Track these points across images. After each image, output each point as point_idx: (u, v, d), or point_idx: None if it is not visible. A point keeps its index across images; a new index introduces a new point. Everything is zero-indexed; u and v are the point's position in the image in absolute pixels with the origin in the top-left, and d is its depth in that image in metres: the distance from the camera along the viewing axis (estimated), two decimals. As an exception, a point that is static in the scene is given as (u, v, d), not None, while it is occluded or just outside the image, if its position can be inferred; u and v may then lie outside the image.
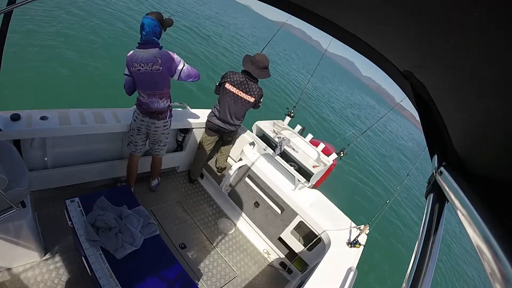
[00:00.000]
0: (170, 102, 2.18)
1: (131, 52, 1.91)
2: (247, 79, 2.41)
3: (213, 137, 2.75)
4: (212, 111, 2.61)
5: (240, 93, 2.42)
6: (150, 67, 1.88)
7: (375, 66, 0.70)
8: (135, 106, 2.17)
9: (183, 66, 2.00)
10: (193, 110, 2.86)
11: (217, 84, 2.54)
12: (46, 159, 2.01)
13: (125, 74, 1.99)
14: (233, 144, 2.82)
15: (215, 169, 3.04)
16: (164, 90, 2.03)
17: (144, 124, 2.14)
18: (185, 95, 6.71)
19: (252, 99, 2.45)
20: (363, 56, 0.70)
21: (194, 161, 2.96)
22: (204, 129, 2.76)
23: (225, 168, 2.93)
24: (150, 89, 1.98)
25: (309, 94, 16.31)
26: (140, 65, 1.87)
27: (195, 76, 2.08)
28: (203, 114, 2.88)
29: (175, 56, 1.96)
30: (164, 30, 1.94)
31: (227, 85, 2.42)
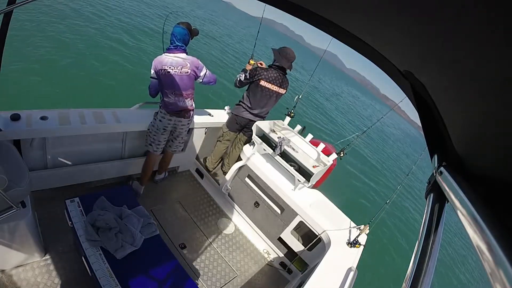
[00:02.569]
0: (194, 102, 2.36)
1: (159, 56, 2.08)
2: (280, 74, 2.55)
3: (235, 133, 2.84)
4: (241, 106, 2.68)
5: (276, 88, 2.56)
6: (180, 69, 2.08)
7: (359, 58, 0.70)
8: (159, 108, 2.30)
9: (206, 71, 2.24)
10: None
11: (241, 79, 2.60)
12: (47, 158, 2.01)
13: (151, 77, 2.15)
14: (239, 152, 2.86)
15: (213, 169, 3.05)
16: (190, 91, 2.23)
17: (171, 123, 2.29)
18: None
19: (284, 91, 2.63)
20: (364, 56, 0.70)
21: (213, 153, 2.98)
22: (201, 128, 2.80)
23: (228, 171, 2.95)
24: (179, 90, 2.15)
25: (306, 93, 16.30)
26: (170, 67, 2.05)
27: (214, 81, 2.35)
28: (203, 114, 2.88)
29: (200, 62, 2.19)
30: (191, 39, 2.15)
31: (263, 82, 2.51)
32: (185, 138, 2.52)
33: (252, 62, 2.66)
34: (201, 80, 2.25)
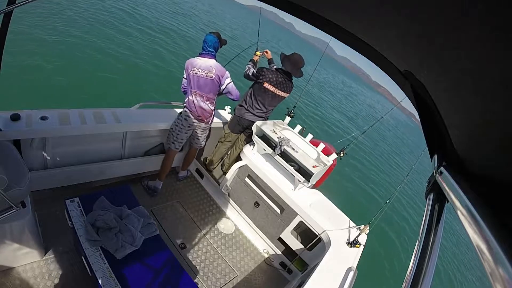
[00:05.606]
0: (215, 107, 2.53)
1: (192, 59, 2.33)
2: (286, 79, 2.57)
3: (237, 134, 2.86)
4: (243, 107, 2.70)
5: (279, 92, 2.59)
6: (206, 73, 2.30)
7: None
8: (184, 108, 2.49)
9: (230, 82, 2.41)
10: None
11: (249, 73, 2.62)
12: (47, 158, 2.01)
13: (183, 77, 2.41)
14: (239, 152, 2.86)
15: (213, 169, 3.05)
16: (211, 95, 2.41)
17: (195, 124, 2.51)
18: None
19: (287, 95, 2.67)
20: (364, 56, 0.70)
21: (214, 153, 3.00)
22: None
23: (228, 171, 2.95)
24: (200, 90, 2.37)
25: (306, 91, 16.29)
26: (198, 69, 2.29)
27: (235, 95, 2.46)
28: None
29: (226, 72, 2.38)
30: (220, 47, 2.37)
31: (266, 85, 2.54)
32: (204, 135, 2.69)
33: (258, 53, 2.75)
34: (222, 89, 2.42)
